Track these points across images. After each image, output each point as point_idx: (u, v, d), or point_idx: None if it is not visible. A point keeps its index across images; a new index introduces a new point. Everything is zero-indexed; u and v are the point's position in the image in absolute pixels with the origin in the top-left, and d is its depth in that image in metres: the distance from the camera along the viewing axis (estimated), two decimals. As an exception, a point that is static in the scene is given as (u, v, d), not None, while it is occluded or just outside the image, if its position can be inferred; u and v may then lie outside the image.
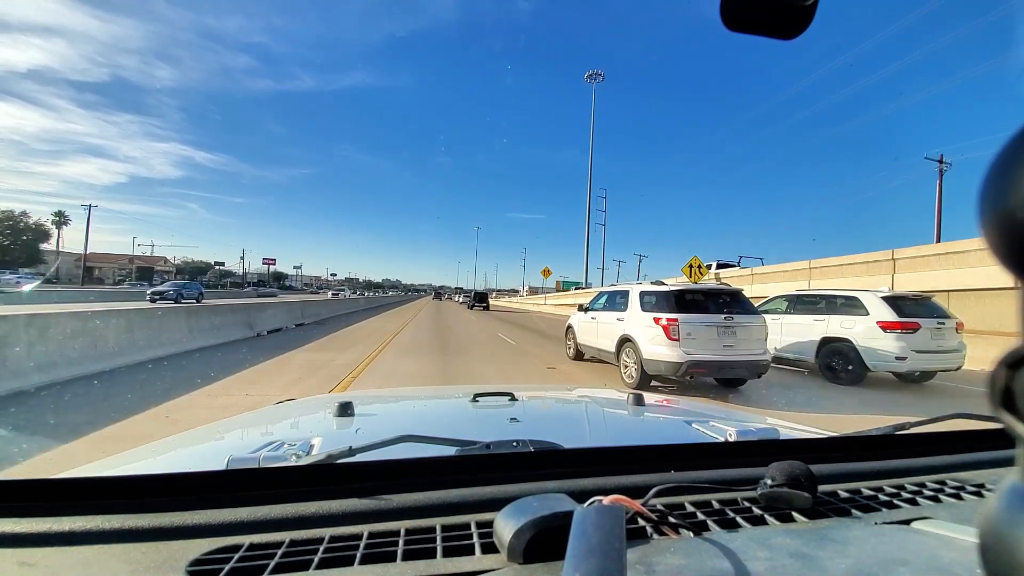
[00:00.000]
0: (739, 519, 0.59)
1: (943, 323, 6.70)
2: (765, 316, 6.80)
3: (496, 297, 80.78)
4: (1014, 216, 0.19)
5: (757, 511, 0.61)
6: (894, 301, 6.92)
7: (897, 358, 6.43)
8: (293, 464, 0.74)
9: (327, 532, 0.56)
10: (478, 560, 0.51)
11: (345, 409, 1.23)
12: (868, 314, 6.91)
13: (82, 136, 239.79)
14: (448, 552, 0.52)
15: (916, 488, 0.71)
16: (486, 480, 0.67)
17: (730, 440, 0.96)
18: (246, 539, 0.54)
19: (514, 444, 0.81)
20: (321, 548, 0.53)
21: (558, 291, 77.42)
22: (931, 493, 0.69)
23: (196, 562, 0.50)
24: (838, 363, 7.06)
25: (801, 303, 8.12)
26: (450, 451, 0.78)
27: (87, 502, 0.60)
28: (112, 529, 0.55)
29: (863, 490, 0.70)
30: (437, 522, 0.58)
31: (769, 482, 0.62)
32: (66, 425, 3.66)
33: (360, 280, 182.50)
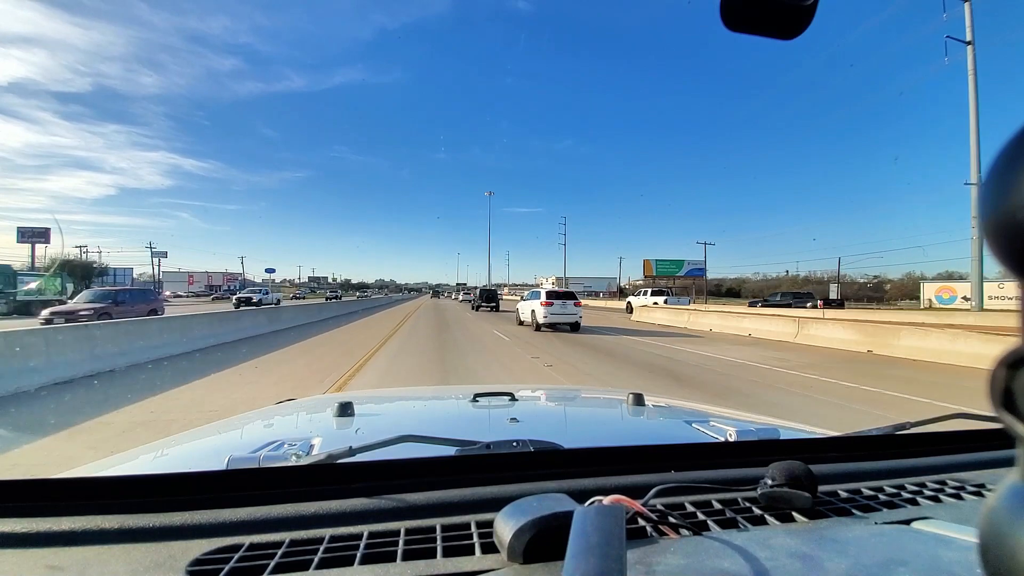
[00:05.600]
0: (739, 519, 0.59)
1: (567, 302, 14.43)
2: (524, 302, 16.54)
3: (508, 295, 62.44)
4: (1014, 216, 0.19)
5: (757, 511, 0.61)
6: (549, 292, 14.93)
7: (544, 317, 14.22)
8: (293, 464, 0.73)
9: (327, 532, 0.56)
10: (478, 560, 0.51)
11: (345, 409, 1.23)
12: (539, 298, 14.53)
13: (68, 149, 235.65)
14: (448, 552, 0.52)
15: (916, 488, 0.71)
16: (486, 480, 0.67)
17: (730, 440, 0.96)
18: (246, 539, 0.54)
19: (514, 444, 0.81)
20: (321, 548, 0.53)
21: (647, 276, 57.12)
22: (931, 493, 0.69)
23: (196, 562, 0.50)
24: (534, 321, 14.72)
25: (532, 295, 15.87)
26: (450, 451, 0.78)
27: (87, 502, 0.60)
28: (112, 529, 0.55)
29: (863, 490, 0.70)
30: (437, 522, 0.58)
31: (769, 482, 0.62)
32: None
33: (329, 280, 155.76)
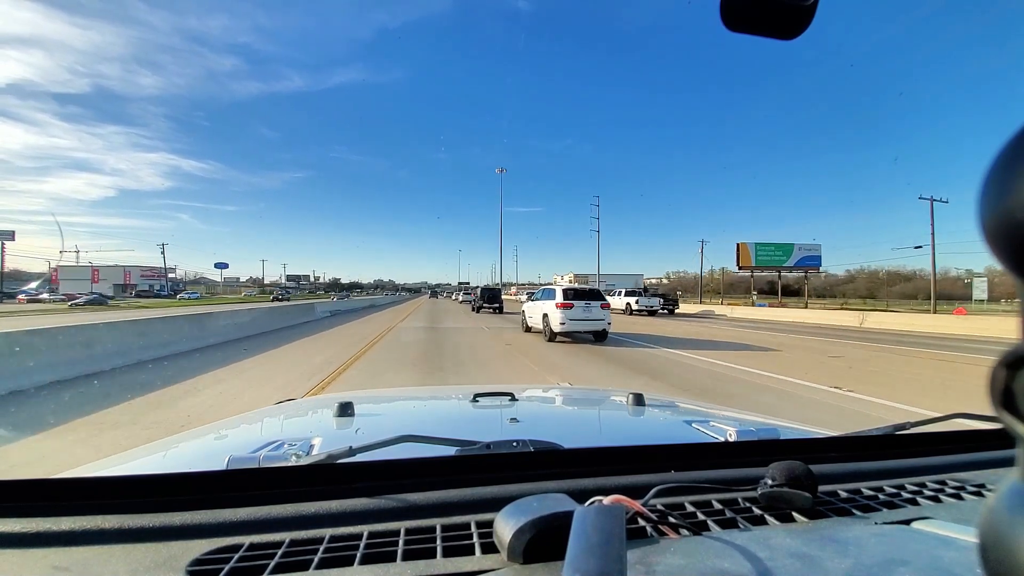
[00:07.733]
0: (739, 519, 0.59)
1: (591, 303, 11.14)
2: (533, 303, 12.91)
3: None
4: (1014, 216, 0.19)
5: (757, 511, 0.62)
6: (567, 290, 11.41)
7: (560, 323, 10.84)
8: (293, 464, 0.73)
9: (327, 532, 0.56)
10: (478, 560, 0.51)
11: (345, 409, 1.23)
12: (554, 298, 11.29)
13: (67, 150, 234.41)
14: (448, 552, 0.52)
15: (916, 488, 0.71)
16: (486, 480, 0.67)
17: (730, 440, 0.96)
18: (246, 539, 0.54)
19: (514, 444, 0.81)
20: (321, 548, 0.53)
21: (743, 266, 43.99)
22: (931, 493, 0.69)
23: (196, 562, 0.50)
24: (547, 328, 11.50)
25: (544, 294, 12.59)
26: (450, 451, 0.78)
27: (87, 502, 0.60)
28: (112, 529, 0.55)
29: (863, 490, 0.70)
30: (437, 522, 0.58)
31: (769, 482, 0.62)
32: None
33: (311, 280, 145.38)
